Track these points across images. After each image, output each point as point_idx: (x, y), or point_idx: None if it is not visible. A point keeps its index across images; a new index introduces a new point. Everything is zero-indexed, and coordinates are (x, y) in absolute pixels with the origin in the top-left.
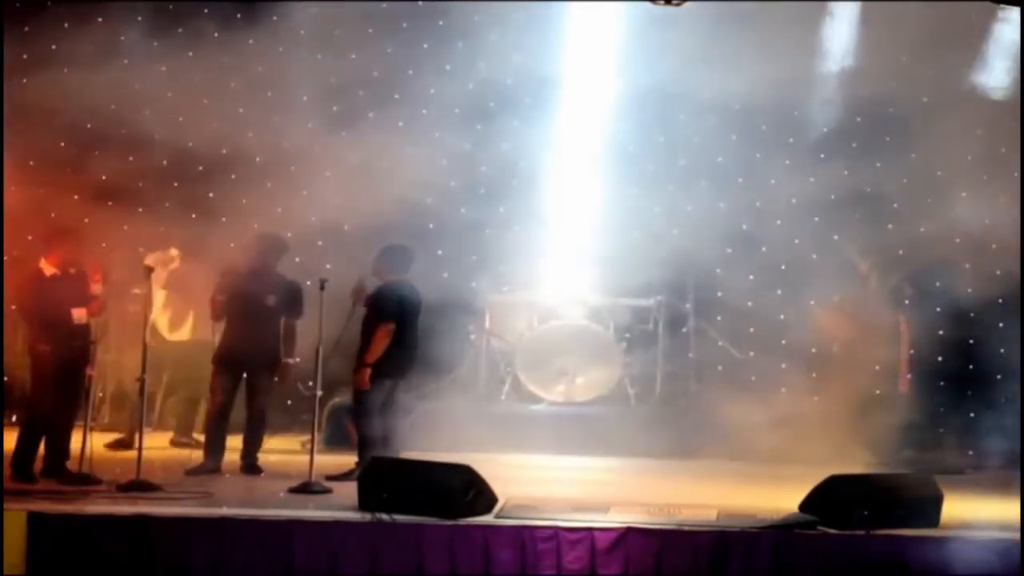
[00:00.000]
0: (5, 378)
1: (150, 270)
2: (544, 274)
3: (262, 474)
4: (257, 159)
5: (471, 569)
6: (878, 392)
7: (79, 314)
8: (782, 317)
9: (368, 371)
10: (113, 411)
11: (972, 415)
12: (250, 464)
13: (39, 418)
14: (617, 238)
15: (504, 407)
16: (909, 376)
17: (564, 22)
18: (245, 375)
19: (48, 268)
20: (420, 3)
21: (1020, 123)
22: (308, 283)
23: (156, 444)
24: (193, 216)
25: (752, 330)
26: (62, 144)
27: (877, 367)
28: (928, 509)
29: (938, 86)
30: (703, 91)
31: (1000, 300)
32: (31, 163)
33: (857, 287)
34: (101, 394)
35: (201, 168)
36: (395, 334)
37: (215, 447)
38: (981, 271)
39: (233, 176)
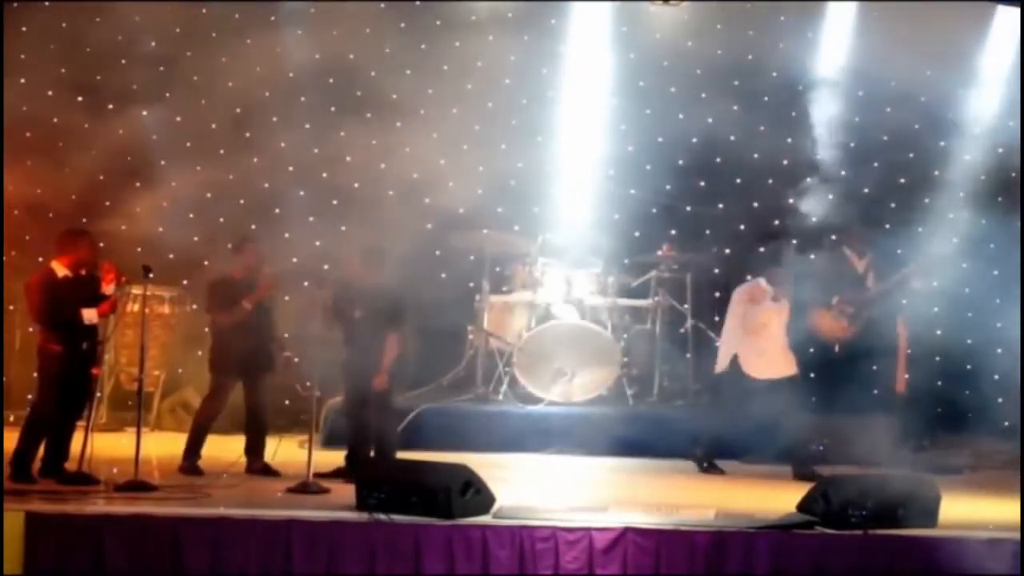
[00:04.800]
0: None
1: (148, 270)
2: (542, 274)
3: (279, 475)
4: (255, 159)
5: (469, 569)
6: (875, 392)
7: (89, 315)
8: None
9: (385, 375)
10: (111, 411)
11: (970, 415)
12: (265, 466)
13: (43, 418)
14: (615, 238)
15: (502, 407)
16: (907, 376)
17: (561, 21)
18: (244, 380)
19: (60, 269)
20: (418, 3)
21: (1020, 123)
22: (306, 283)
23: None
24: (191, 216)
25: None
26: (60, 144)
27: (875, 367)
28: (926, 509)
29: (936, 86)
30: (701, 91)
31: (998, 300)
32: (28, 163)
33: (854, 287)
34: (100, 394)
35: (199, 168)
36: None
37: (199, 446)
38: (979, 271)
39: (231, 176)
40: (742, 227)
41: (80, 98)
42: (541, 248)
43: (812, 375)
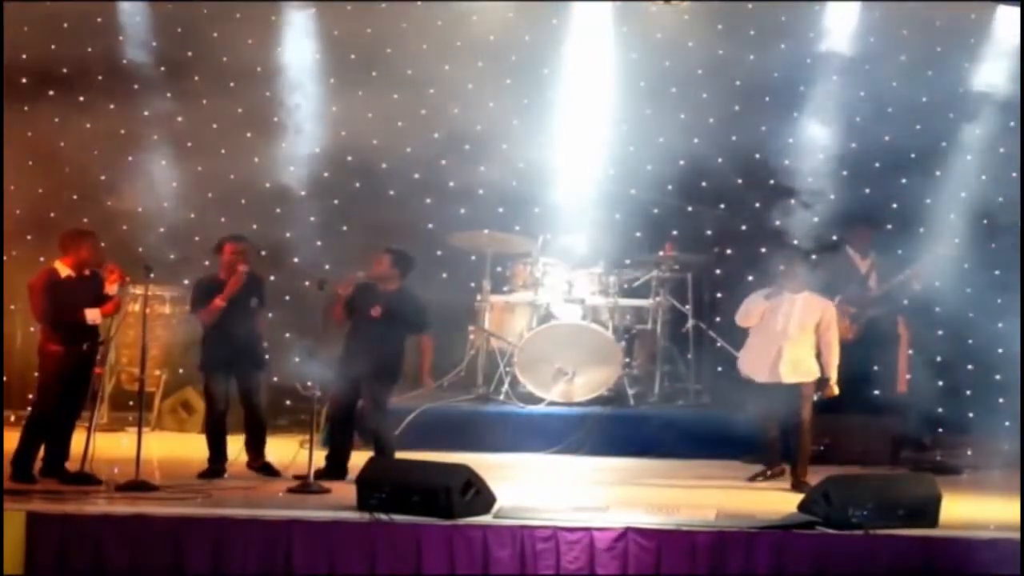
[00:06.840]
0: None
1: (149, 270)
2: (543, 274)
3: (280, 475)
4: (256, 159)
5: (470, 569)
6: (876, 392)
7: (92, 315)
8: None
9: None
10: (112, 411)
11: (971, 415)
12: (264, 465)
13: (44, 418)
14: (617, 238)
15: (503, 407)
16: (907, 376)
17: (561, 21)
18: (235, 378)
19: (63, 269)
20: (419, 3)
21: (1020, 122)
22: (307, 283)
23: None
24: (192, 216)
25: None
26: (62, 144)
27: (876, 367)
28: (927, 509)
29: (937, 86)
30: (702, 91)
31: (999, 300)
32: (30, 163)
33: (857, 287)
34: (101, 394)
35: (200, 168)
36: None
37: (220, 450)
38: (980, 271)
39: (232, 176)
40: (743, 227)
41: (82, 98)
42: (542, 248)
43: None
